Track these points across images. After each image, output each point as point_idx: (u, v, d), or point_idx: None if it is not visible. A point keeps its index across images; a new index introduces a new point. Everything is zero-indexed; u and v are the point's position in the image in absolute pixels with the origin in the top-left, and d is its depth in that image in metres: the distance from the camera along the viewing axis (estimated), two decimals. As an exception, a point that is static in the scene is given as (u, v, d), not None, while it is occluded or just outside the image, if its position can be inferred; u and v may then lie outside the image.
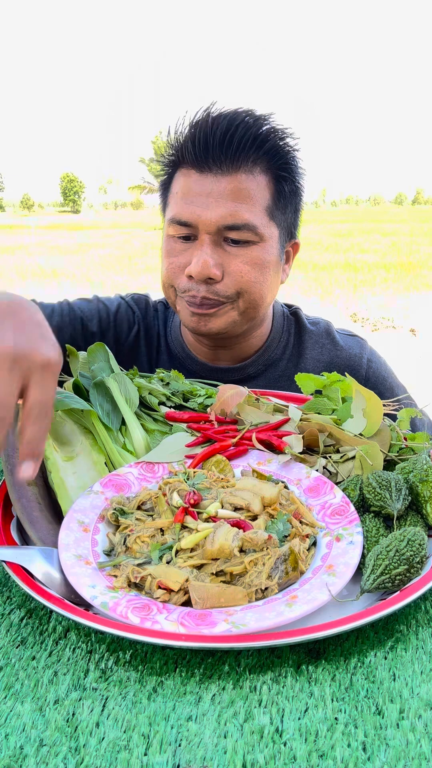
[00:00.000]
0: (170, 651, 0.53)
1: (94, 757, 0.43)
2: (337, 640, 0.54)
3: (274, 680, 0.50)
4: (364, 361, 1.18)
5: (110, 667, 0.52)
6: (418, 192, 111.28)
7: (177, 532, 0.62)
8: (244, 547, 0.60)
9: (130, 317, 1.18)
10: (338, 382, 0.88)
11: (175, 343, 1.18)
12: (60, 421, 0.83)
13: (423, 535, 0.60)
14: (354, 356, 1.18)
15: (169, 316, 1.22)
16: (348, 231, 23.87)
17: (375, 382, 1.18)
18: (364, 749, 0.44)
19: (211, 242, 0.97)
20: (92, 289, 9.94)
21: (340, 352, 1.18)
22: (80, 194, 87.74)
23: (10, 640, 0.55)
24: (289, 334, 1.18)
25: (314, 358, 1.17)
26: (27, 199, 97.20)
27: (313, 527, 0.66)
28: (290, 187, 1.02)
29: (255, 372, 1.14)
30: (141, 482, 0.75)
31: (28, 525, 0.67)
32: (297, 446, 0.77)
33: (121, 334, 1.16)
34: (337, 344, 1.18)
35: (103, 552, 0.64)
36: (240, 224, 0.96)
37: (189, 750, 0.43)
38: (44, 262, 13.74)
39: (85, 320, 1.13)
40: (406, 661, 0.52)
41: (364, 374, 1.17)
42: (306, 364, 1.16)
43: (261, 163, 0.97)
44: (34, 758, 0.43)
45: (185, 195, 0.97)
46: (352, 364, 1.17)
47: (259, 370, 1.14)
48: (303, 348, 1.18)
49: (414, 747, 0.44)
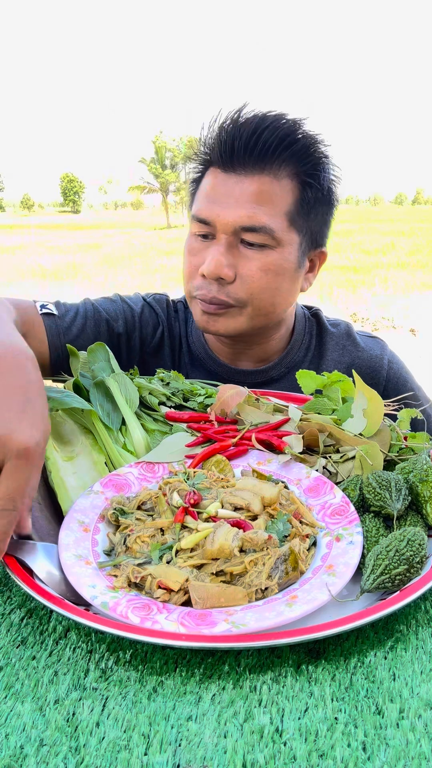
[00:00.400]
0: (170, 651, 0.53)
1: (94, 756, 0.43)
2: (337, 640, 0.54)
3: (274, 680, 0.50)
4: (384, 362, 1.17)
5: (110, 667, 0.52)
6: (418, 192, 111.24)
7: (177, 532, 0.62)
8: (244, 547, 0.60)
9: (154, 319, 1.17)
10: (338, 382, 0.88)
11: (197, 344, 1.17)
12: (60, 420, 0.83)
13: (423, 535, 0.60)
14: (375, 357, 1.17)
15: (189, 316, 1.21)
16: (348, 231, 23.87)
17: (396, 384, 1.17)
18: (364, 749, 0.44)
19: (226, 243, 0.96)
20: (92, 289, 9.93)
21: (361, 353, 1.17)
22: (80, 194, 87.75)
23: (10, 640, 0.55)
24: (310, 336, 1.18)
25: (335, 359, 1.16)
26: (27, 199, 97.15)
27: (313, 527, 0.66)
28: (316, 195, 1.00)
29: (278, 375, 1.13)
30: (141, 482, 0.75)
31: (29, 525, 0.68)
32: (297, 446, 0.77)
33: (146, 336, 1.15)
34: (357, 346, 1.18)
35: (103, 552, 0.64)
36: (257, 226, 0.95)
37: (189, 750, 0.43)
38: (44, 262, 13.73)
39: (111, 321, 1.11)
40: (406, 661, 0.52)
41: (385, 375, 1.16)
42: (327, 366, 1.16)
43: (287, 167, 0.97)
44: (34, 758, 0.43)
45: (209, 194, 0.98)
46: (372, 365, 1.16)
47: (282, 372, 1.13)
48: (324, 350, 1.17)
49: (414, 747, 0.44)
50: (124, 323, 1.12)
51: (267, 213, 0.95)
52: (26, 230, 30.06)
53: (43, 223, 41.44)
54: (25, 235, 25.83)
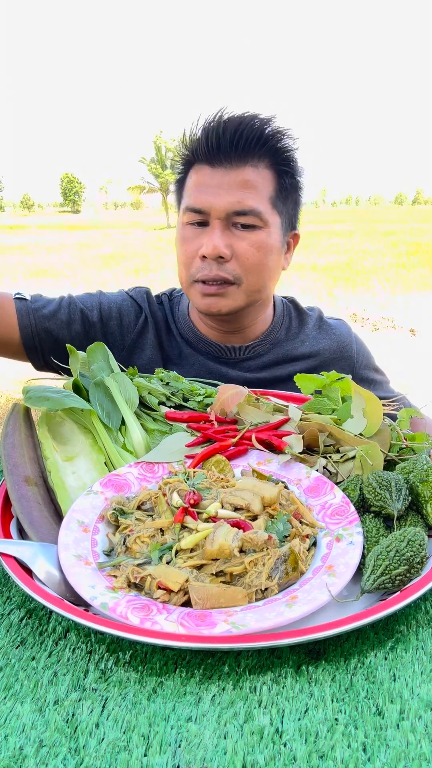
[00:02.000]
0: (170, 651, 0.53)
1: (94, 758, 0.43)
2: (337, 641, 0.54)
3: (274, 681, 0.50)
4: (352, 341, 1.34)
5: (110, 668, 0.52)
6: (418, 192, 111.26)
7: (177, 533, 0.62)
8: (244, 547, 0.60)
9: (136, 307, 1.28)
10: (338, 381, 0.88)
11: (185, 328, 1.27)
12: (60, 421, 0.83)
13: (423, 536, 0.60)
14: (344, 335, 1.34)
15: (174, 305, 1.32)
16: (348, 231, 23.87)
17: (364, 355, 1.34)
18: (364, 750, 0.43)
19: (221, 226, 1.09)
20: (92, 289, 9.92)
21: (334, 330, 1.33)
22: (80, 194, 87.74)
23: (10, 641, 0.55)
24: (290, 318, 1.33)
25: (313, 336, 1.32)
26: (27, 199, 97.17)
27: (313, 527, 0.66)
28: (291, 181, 1.15)
29: (263, 350, 1.27)
30: (141, 482, 0.75)
31: (28, 525, 0.67)
32: (297, 446, 0.77)
33: (128, 324, 1.25)
34: (330, 326, 1.35)
35: (103, 552, 0.64)
36: (247, 210, 1.08)
37: (189, 751, 0.43)
38: (44, 262, 13.74)
39: (86, 311, 1.21)
40: (407, 662, 0.52)
41: (354, 353, 1.32)
42: (306, 340, 1.31)
43: (265, 159, 1.10)
44: (33, 759, 0.43)
45: (199, 186, 1.10)
46: (342, 343, 1.32)
47: (266, 348, 1.27)
48: (303, 328, 1.33)
49: (414, 748, 0.44)
50: (98, 312, 1.23)
51: (253, 198, 1.08)
52: (26, 230, 30.06)
53: (43, 223, 41.42)
54: (25, 235, 25.84)
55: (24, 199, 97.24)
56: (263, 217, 1.09)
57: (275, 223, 1.13)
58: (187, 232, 1.14)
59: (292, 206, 1.18)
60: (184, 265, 1.15)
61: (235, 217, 1.09)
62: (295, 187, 1.17)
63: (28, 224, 35.83)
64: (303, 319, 1.34)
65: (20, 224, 37.11)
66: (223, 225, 1.09)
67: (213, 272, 1.10)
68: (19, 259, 14.54)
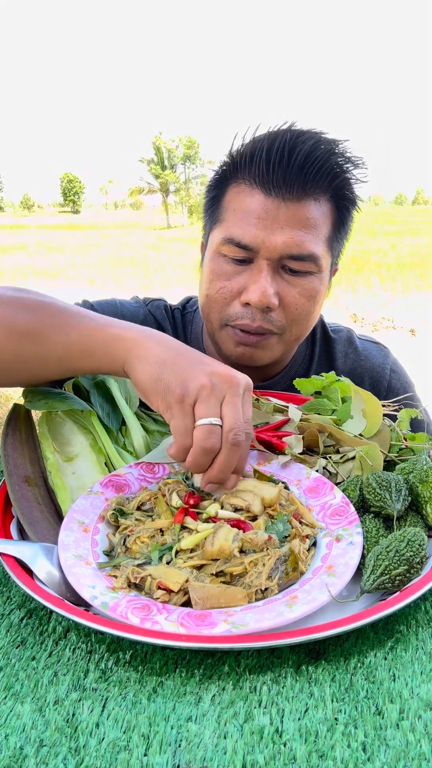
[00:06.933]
0: (170, 651, 0.53)
1: (94, 757, 0.43)
2: (337, 641, 0.54)
3: (274, 681, 0.50)
4: (387, 371, 1.15)
5: (110, 668, 0.52)
6: (418, 192, 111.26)
7: (177, 533, 0.62)
8: (244, 547, 0.60)
9: (156, 326, 1.15)
10: (337, 382, 0.88)
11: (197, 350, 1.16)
12: (60, 421, 0.83)
13: (423, 536, 0.60)
14: (377, 366, 1.15)
15: (186, 323, 1.19)
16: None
17: (397, 394, 1.15)
18: (364, 750, 0.44)
19: (270, 269, 0.92)
20: (92, 290, 9.94)
21: (363, 361, 1.15)
22: (80, 194, 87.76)
23: (10, 641, 0.55)
24: (313, 345, 1.16)
25: (337, 368, 1.15)
26: (27, 199, 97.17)
27: (313, 528, 0.66)
28: (348, 215, 0.99)
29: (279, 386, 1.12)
30: (141, 483, 0.75)
31: (28, 525, 0.67)
32: (297, 447, 0.77)
33: None
34: (359, 353, 1.16)
35: (103, 552, 0.64)
36: (305, 255, 0.91)
37: (189, 750, 0.43)
38: (44, 262, 13.74)
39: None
40: (406, 662, 0.52)
41: (387, 385, 1.15)
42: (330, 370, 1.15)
43: (329, 192, 0.94)
44: (33, 759, 0.43)
45: (247, 215, 0.91)
46: (374, 374, 1.15)
47: (284, 385, 1.12)
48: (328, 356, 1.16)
49: (414, 747, 0.44)
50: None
51: (313, 240, 0.92)
52: (26, 230, 30.07)
53: (43, 223, 41.44)
54: (25, 235, 25.84)
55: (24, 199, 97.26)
56: (319, 262, 0.93)
57: (327, 266, 0.97)
58: (223, 267, 0.95)
59: (342, 241, 1.02)
60: (217, 304, 0.97)
61: (288, 260, 0.91)
62: (349, 220, 1.00)
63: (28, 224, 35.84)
64: (329, 344, 1.16)
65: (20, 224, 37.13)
66: (273, 268, 0.92)
67: (256, 323, 0.93)
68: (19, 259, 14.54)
